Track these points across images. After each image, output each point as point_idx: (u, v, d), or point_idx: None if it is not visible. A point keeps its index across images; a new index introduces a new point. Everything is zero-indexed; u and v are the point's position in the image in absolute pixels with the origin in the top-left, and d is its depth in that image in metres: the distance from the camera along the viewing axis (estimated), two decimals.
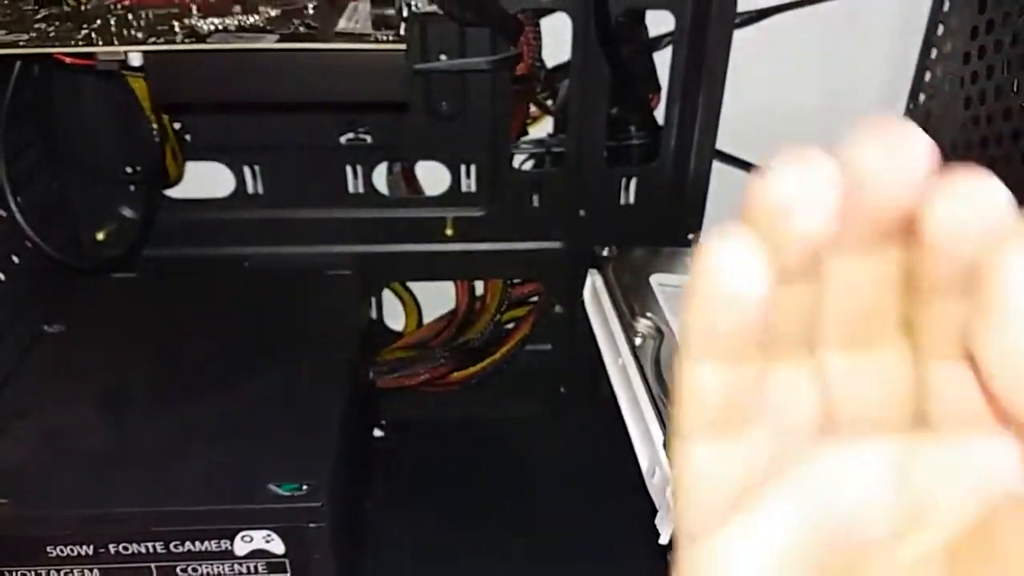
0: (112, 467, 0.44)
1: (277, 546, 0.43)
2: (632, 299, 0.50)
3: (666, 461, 0.40)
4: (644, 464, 0.42)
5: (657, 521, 0.40)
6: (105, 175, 0.56)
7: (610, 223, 0.60)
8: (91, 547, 0.42)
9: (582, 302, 0.56)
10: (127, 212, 0.58)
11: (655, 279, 0.52)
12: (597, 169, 0.58)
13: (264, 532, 0.43)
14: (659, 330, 0.47)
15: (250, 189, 0.58)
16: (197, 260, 0.59)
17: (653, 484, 0.40)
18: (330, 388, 0.50)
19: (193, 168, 0.57)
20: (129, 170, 0.57)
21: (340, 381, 0.51)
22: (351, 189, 0.59)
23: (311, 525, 0.42)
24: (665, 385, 0.43)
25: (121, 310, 0.56)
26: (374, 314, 0.65)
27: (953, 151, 0.52)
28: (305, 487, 0.43)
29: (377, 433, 0.63)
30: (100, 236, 0.58)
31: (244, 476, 0.43)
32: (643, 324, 0.48)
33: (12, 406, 0.48)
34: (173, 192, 0.58)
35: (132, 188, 0.57)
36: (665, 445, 0.40)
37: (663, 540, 0.39)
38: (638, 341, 0.47)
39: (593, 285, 0.54)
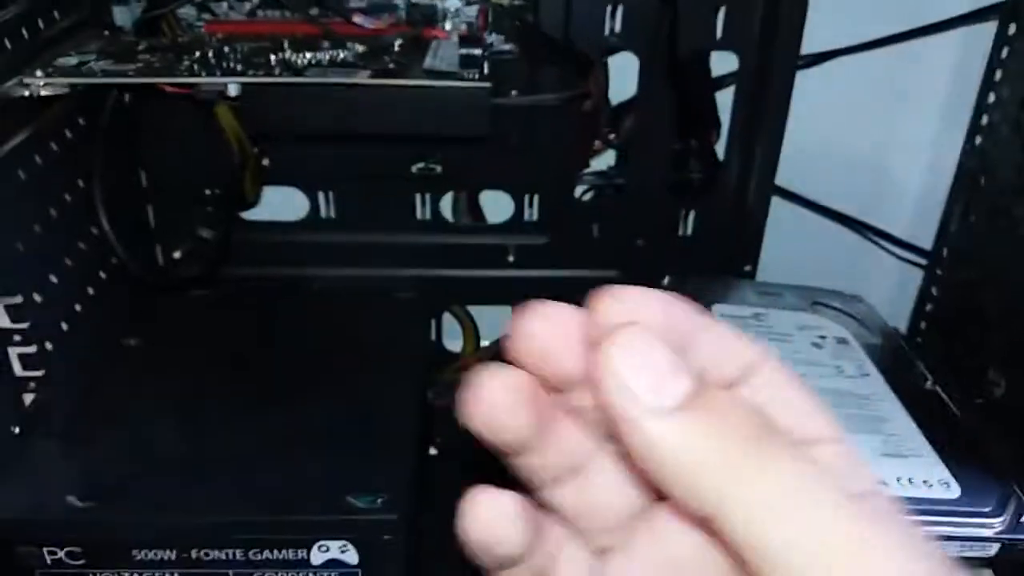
0: (194, 475, 0.46)
1: (352, 556, 0.45)
2: None
3: None
4: None
5: None
6: (186, 197, 0.59)
7: (668, 253, 0.62)
8: (174, 552, 0.44)
9: None
10: (204, 232, 0.60)
11: (716, 309, 0.54)
12: (657, 201, 0.60)
13: (340, 542, 0.44)
14: None
15: (323, 213, 0.61)
16: (269, 279, 0.61)
17: None
18: (401, 405, 0.52)
19: (268, 191, 0.60)
20: (208, 192, 0.59)
21: (410, 398, 0.53)
22: (418, 215, 0.61)
23: (386, 537, 0.44)
24: None
25: (196, 326, 0.58)
26: (433, 335, 0.67)
27: (1011, 193, 0.53)
28: (380, 500, 0.44)
29: (432, 451, 0.65)
30: (177, 255, 0.61)
31: (322, 487, 0.45)
32: None
33: (98, 415, 0.50)
34: (248, 214, 0.60)
35: (210, 209, 0.60)
36: None
37: None
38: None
39: None
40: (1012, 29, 0.53)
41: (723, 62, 0.57)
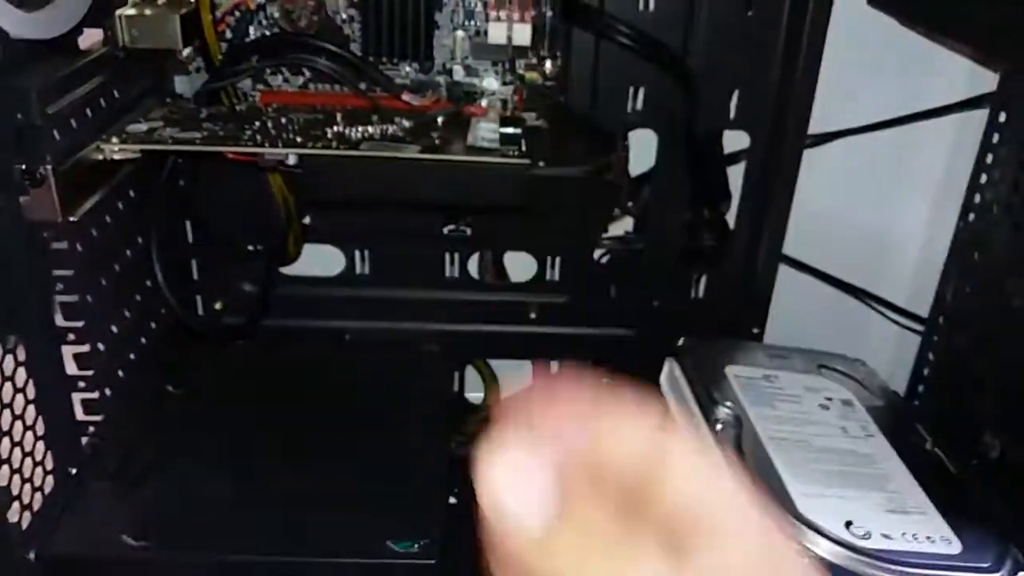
0: (241, 518, 0.49)
1: None
2: (711, 388, 0.55)
3: None
4: None
5: None
6: (231, 252, 0.62)
7: (680, 314, 0.65)
8: None
9: (654, 385, 0.61)
10: (246, 286, 0.64)
11: (730, 370, 0.57)
12: (671, 266, 0.64)
13: None
14: (738, 419, 0.52)
15: (358, 270, 0.64)
16: (303, 331, 0.65)
17: None
18: (432, 454, 0.55)
19: (307, 248, 0.63)
20: (252, 248, 0.63)
21: (440, 449, 0.56)
22: (447, 273, 0.65)
23: None
24: (749, 471, 0.48)
25: (237, 375, 0.61)
26: (456, 387, 0.70)
27: (1003, 267, 0.57)
28: (417, 546, 0.47)
29: (451, 501, 0.68)
30: (218, 306, 0.64)
31: (363, 533, 0.48)
32: (723, 412, 0.52)
33: (147, 459, 0.53)
34: (287, 269, 0.64)
35: (252, 264, 0.63)
36: None
37: None
38: (719, 427, 0.52)
39: (671, 372, 0.59)
40: (1002, 117, 0.58)
41: (735, 140, 0.62)
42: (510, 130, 0.49)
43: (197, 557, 0.47)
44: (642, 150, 0.62)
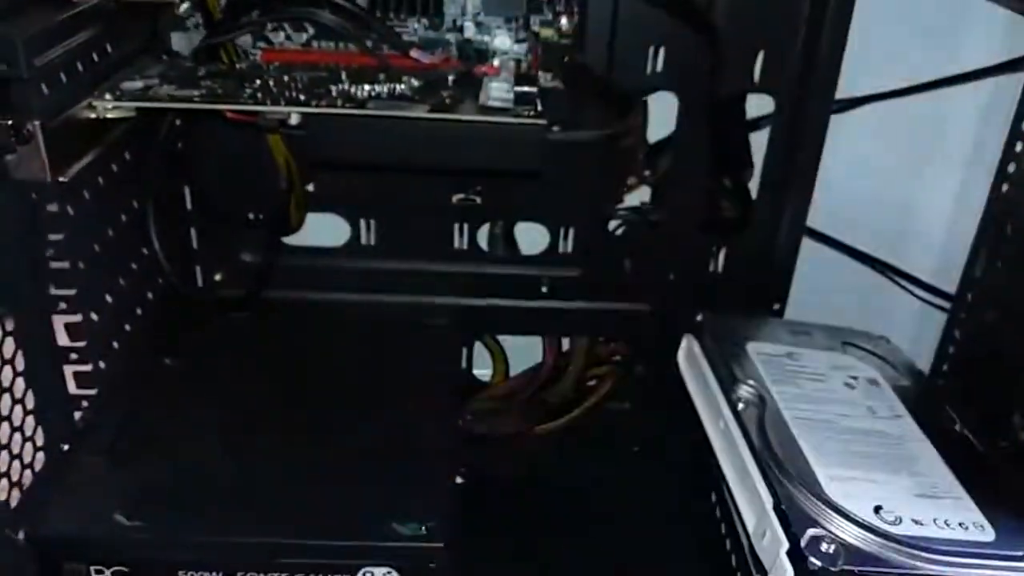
0: (240, 497, 0.47)
1: None
2: (732, 365, 0.52)
3: (776, 523, 0.42)
4: (752, 526, 0.44)
5: None
6: (231, 220, 0.60)
7: (698, 289, 0.63)
8: (219, 573, 0.45)
9: (670, 362, 0.59)
10: (246, 256, 0.61)
11: (752, 347, 0.55)
12: (690, 238, 0.62)
13: (385, 569, 0.45)
14: (761, 397, 0.50)
15: (363, 240, 0.62)
16: (307, 303, 0.62)
17: (763, 546, 0.43)
18: (439, 433, 0.53)
19: (311, 217, 0.61)
20: (252, 216, 0.60)
21: (447, 427, 0.53)
22: (456, 245, 0.63)
23: (431, 565, 0.45)
24: (773, 452, 0.45)
25: (235, 348, 0.59)
26: (464, 364, 0.67)
27: None
28: (425, 528, 0.45)
29: (458, 480, 0.66)
30: (218, 277, 0.62)
31: (368, 514, 0.46)
32: (745, 390, 0.50)
33: (142, 434, 0.51)
34: (290, 239, 0.61)
35: (253, 234, 0.61)
36: (774, 508, 0.42)
37: None
38: (741, 407, 0.49)
39: (690, 348, 0.57)
40: None
41: (759, 104, 0.59)
42: (525, 89, 0.46)
43: (192, 536, 0.44)
44: (661, 114, 0.59)
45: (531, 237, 0.64)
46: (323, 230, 0.62)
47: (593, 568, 0.59)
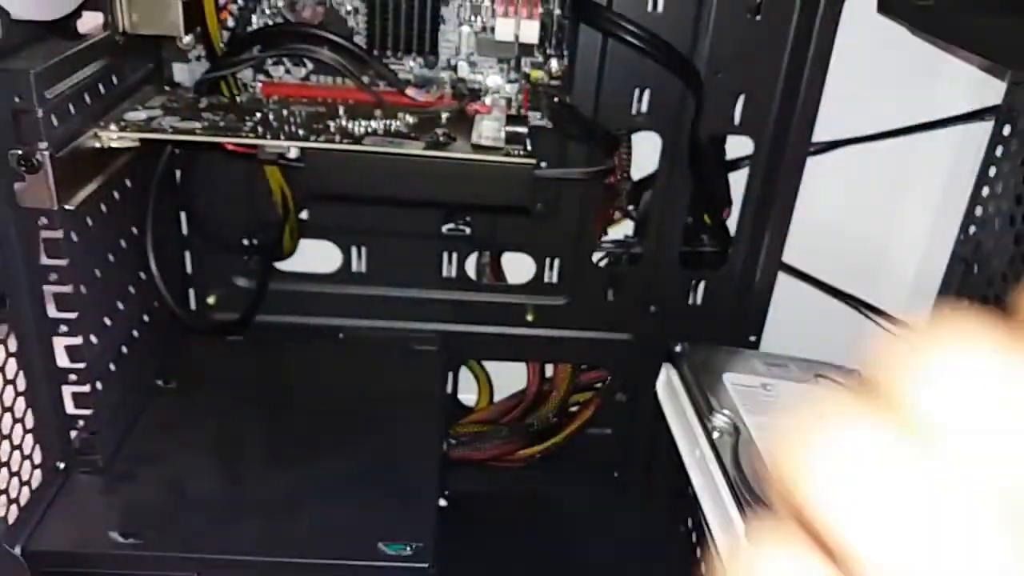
0: (230, 516, 0.48)
1: None
2: (709, 395, 0.54)
3: (747, 547, 0.44)
4: (724, 552, 0.46)
5: None
6: (226, 245, 0.61)
7: (678, 320, 0.65)
8: None
9: (650, 391, 0.61)
10: (240, 281, 0.63)
11: (728, 378, 0.57)
12: (670, 271, 0.64)
13: None
14: (736, 427, 0.52)
15: (354, 267, 0.63)
16: (298, 328, 0.64)
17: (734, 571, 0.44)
18: (425, 455, 0.54)
19: (304, 244, 0.62)
20: (247, 242, 0.62)
21: (432, 450, 0.55)
22: (444, 273, 0.64)
23: None
24: (746, 480, 0.47)
25: (228, 371, 0.61)
26: (449, 388, 0.69)
27: (1003, 280, 0.57)
28: (409, 549, 0.47)
29: (441, 503, 0.67)
30: (211, 301, 0.63)
31: (355, 533, 0.47)
32: (720, 419, 0.52)
33: (137, 452, 0.52)
34: (282, 265, 0.63)
35: (247, 259, 0.62)
36: (746, 534, 0.44)
37: None
38: (716, 435, 0.51)
39: (668, 378, 0.59)
40: (1006, 130, 0.58)
41: (739, 146, 0.61)
42: (516, 128, 0.48)
43: (185, 554, 0.46)
44: (645, 153, 0.61)
45: (518, 266, 0.66)
46: (315, 257, 0.64)
47: None
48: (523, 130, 0.48)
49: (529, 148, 0.49)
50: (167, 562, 0.46)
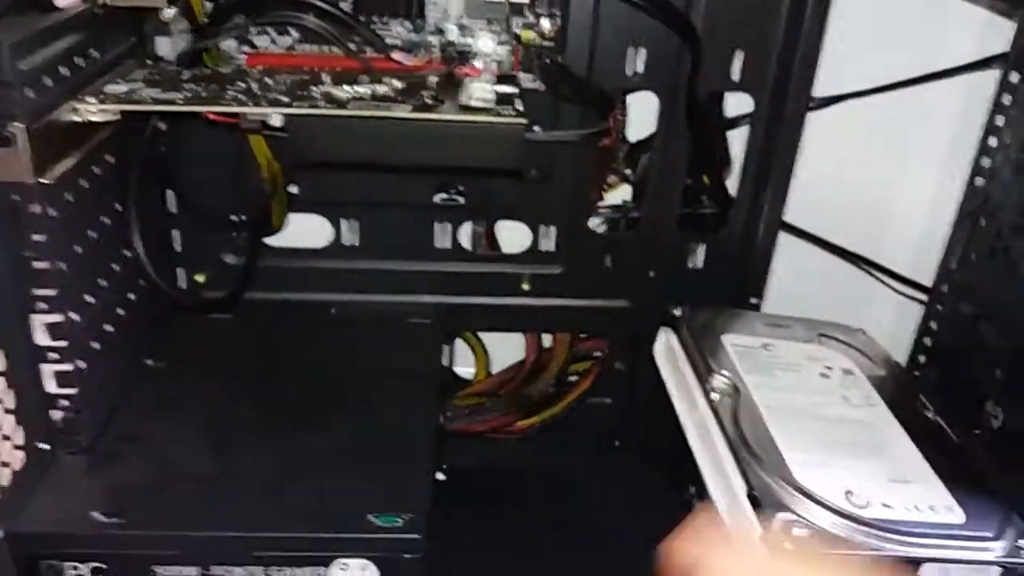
0: (216, 493, 0.47)
1: (372, 574, 0.46)
2: (708, 357, 0.53)
3: (749, 509, 0.43)
4: (725, 513, 0.45)
5: None
6: (214, 222, 0.60)
7: (677, 285, 0.64)
8: (195, 569, 0.45)
9: (651, 358, 0.60)
10: (228, 258, 0.62)
11: (727, 339, 0.56)
12: (669, 234, 0.62)
13: (362, 561, 0.45)
14: (736, 388, 0.51)
15: (345, 240, 0.62)
16: (289, 304, 0.63)
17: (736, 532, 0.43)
18: (419, 428, 0.53)
19: (293, 217, 0.61)
20: (235, 218, 0.61)
21: (426, 422, 0.54)
22: (437, 244, 0.63)
23: (407, 556, 0.45)
24: (745, 440, 0.46)
25: (217, 349, 0.60)
26: (446, 361, 0.68)
27: (1011, 232, 0.56)
28: (401, 520, 0.46)
29: (439, 476, 0.66)
30: (200, 278, 0.62)
31: (344, 506, 0.46)
32: (719, 381, 0.51)
33: (123, 432, 0.51)
34: (272, 240, 0.62)
35: (236, 235, 0.61)
36: (747, 495, 0.43)
37: None
38: (715, 397, 0.50)
39: (667, 342, 0.58)
40: (1015, 77, 0.56)
41: (738, 103, 0.60)
42: (506, 89, 0.47)
43: (170, 532, 0.45)
44: (641, 114, 0.60)
45: (513, 235, 0.65)
46: (306, 231, 0.62)
47: (573, 562, 0.60)
48: (513, 90, 0.47)
49: (520, 109, 0.47)
50: (152, 541, 0.45)
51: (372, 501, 0.46)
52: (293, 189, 0.60)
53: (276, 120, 0.46)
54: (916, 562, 0.41)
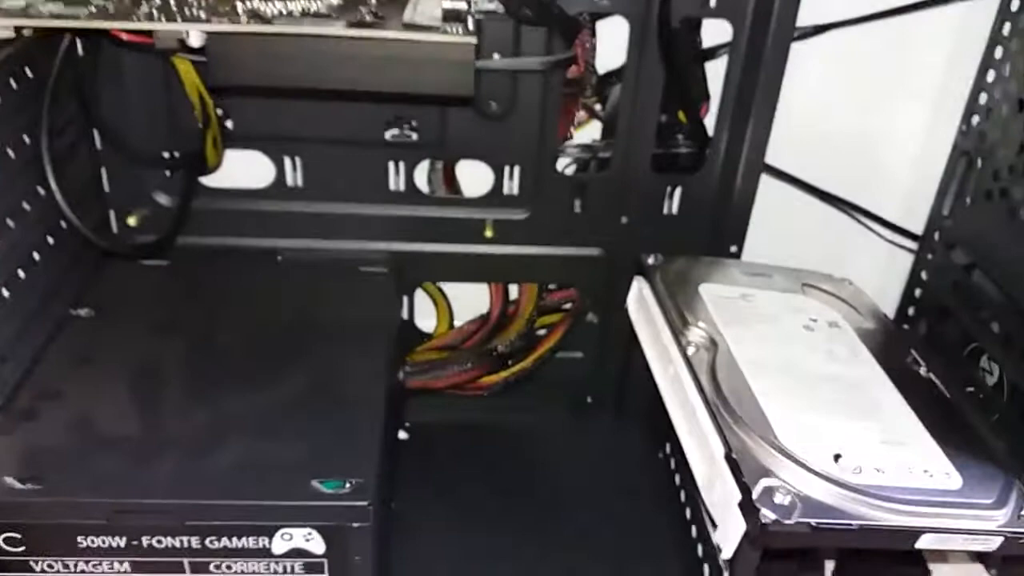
0: (146, 456, 0.43)
1: (317, 545, 0.42)
2: (683, 308, 0.49)
3: (728, 472, 0.39)
4: (701, 478, 0.41)
5: (716, 537, 0.39)
6: (143, 159, 0.55)
7: (652, 232, 0.59)
8: (123, 539, 0.41)
9: (624, 310, 0.56)
10: (162, 199, 0.57)
11: (704, 289, 0.52)
12: (643, 176, 0.58)
13: (305, 530, 0.41)
14: (713, 341, 0.46)
15: (289, 181, 0.57)
16: (230, 250, 0.58)
17: (714, 499, 0.39)
18: (369, 386, 0.49)
19: (232, 156, 0.56)
20: (167, 155, 0.55)
21: (379, 379, 0.50)
22: (391, 186, 0.58)
23: (354, 525, 0.41)
24: (724, 397, 0.42)
25: (151, 297, 0.55)
26: (405, 314, 0.64)
27: (1010, 174, 0.52)
28: (348, 485, 0.41)
29: (402, 435, 0.62)
30: (132, 221, 0.57)
31: (285, 471, 0.42)
32: (696, 333, 0.47)
33: (42, 388, 0.47)
34: (209, 180, 0.57)
35: (169, 174, 0.56)
36: (725, 457, 0.39)
37: (725, 555, 0.38)
38: (691, 350, 0.46)
39: (640, 292, 0.53)
40: (1015, 4, 0.52)
41: (716, 32, 0.55)
42: (455, 5, 0.42)
43: (93, 499, 0.40)
44: (612, 42, 0.54)
45: (474, 177, 0.60)
46: (246, 171, 0.57)
47: (542, 524, 0.56)
48: (462, 6, 0.42)
49: (471, 28, 0.42)
50: (73, 508, 0.41)
51: (317, 465, 0.42)
52: (229, 124, 0.54)
53: (195, 40, 0.41)
54: (914, 533, 0.37)
